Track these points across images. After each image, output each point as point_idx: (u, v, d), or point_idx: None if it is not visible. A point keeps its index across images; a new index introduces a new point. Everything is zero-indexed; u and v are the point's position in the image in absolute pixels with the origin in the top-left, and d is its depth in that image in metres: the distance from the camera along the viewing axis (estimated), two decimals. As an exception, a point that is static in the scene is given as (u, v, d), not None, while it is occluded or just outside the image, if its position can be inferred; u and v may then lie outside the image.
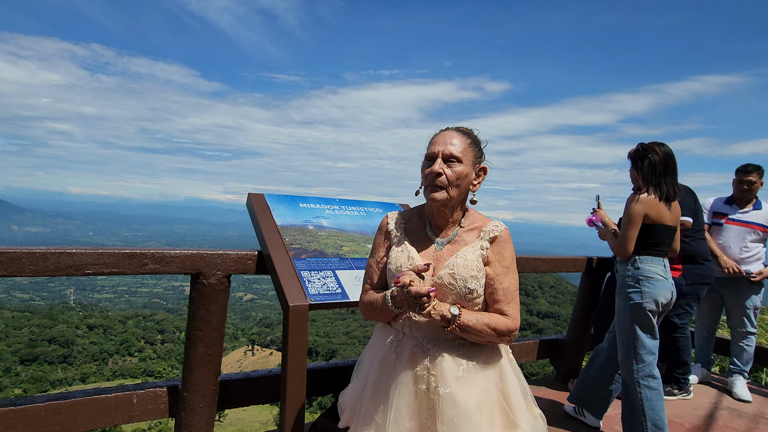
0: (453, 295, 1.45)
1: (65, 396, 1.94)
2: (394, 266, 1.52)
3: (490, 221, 1.56)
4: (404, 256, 1.51)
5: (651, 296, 2.51)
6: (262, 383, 2.33)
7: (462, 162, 1.46)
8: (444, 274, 1.45)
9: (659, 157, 2.58)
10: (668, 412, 3.20)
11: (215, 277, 2.07)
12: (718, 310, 3.93)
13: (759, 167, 3.71)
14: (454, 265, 1.45)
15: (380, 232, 1.65)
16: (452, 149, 1.46)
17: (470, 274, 1.44)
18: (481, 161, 1.54)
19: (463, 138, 1.49)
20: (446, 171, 1.45)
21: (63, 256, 1.75)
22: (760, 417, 3.24)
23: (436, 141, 1.49)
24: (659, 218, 2.55)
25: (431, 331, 1.46)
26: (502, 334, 1.45)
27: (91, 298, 72.91)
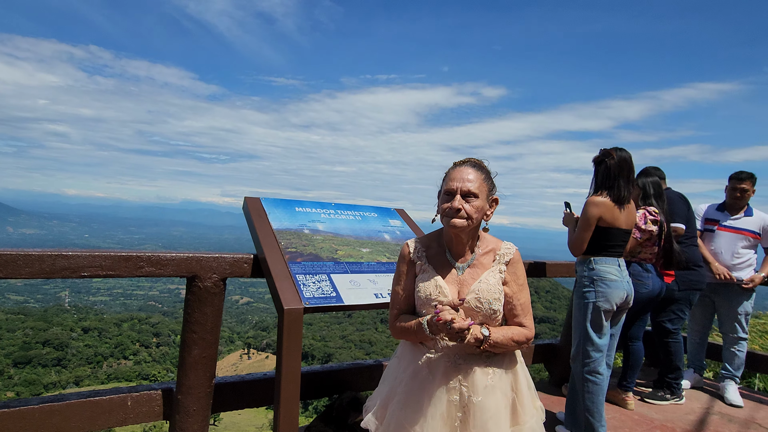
0: (479, 316, 1.60)
1: (59, 398, 1.95)
2: (423, 294, 1.64)
3: (502, 243, 1.73)
4: (432, 285, 1.63)
5: (605, 296, 2.63)
6: (256, 386, 2.34)
7: (478, 197, 1.60)
8: (471, 299, 1.61)
9: (614, 161, 2.67)
10: (660, 417, 3.23)
11: (211, 280, 2.09)
12: (710, 315, 3.96)
13: (752, 175, 3.76)
14: (479, 290, 1.61)
15: (403, 261, 1.76)
16: (470, 186, 1.59)
17: (494, 297, 1.60)
18: (493, 193, 1.69)
19: (478, 174, 1.62)
20: (465, 207, 1.58)
21: (59, 259, 1.76)
22: (751, 422, 3.26)
23: (454, 177, 1.62)
24: (613, 221, 2.66)
25: (462, 348, 1.60)
26: (521, 343, 1.63)
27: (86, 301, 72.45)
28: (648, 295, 3.05)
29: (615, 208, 2.65)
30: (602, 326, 2.66)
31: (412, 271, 1.73)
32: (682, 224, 3.47)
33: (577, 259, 2.86)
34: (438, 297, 1.62)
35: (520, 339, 1.63)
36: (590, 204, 2.67)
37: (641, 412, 3.31)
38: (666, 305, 3.55)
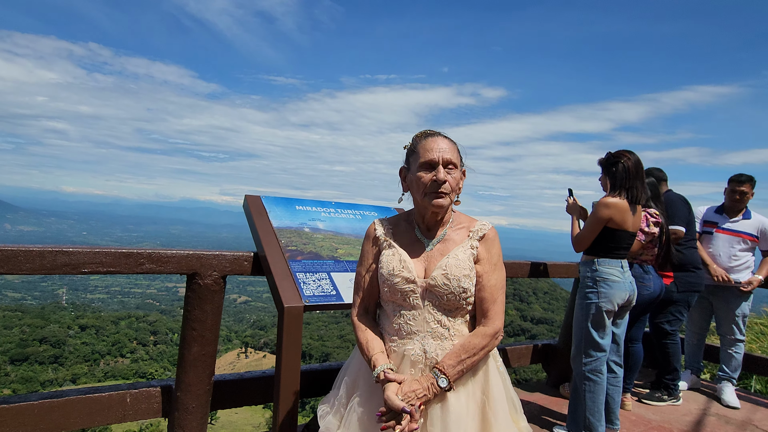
0: (447, 295, 1.48)
1: (59, 395, 1.95)
2: (386, 270, 1.52)
3: (476, 221, 1.61)
4: (396, 260, 1.52)
5: (607, 297, 2.65)
6: (255, 384, 2.34)
7: (457, 167, 1.52)
8: (437, 275, 1.48)
9: (632, 162, 2.70)
10: (657, 418, 3.24)
11: (211, 277, 2.09)
12: (708, 317, 3.97)
13: (751, 178, 3.77)
14: (447, 265, 1.48)
15: (368, 239, 1.65)
16: (450, 156, 1.49)
17: (463, 273, 1.47)
18: (463, 165, 1.59)
19: (451, 143, 1.53)
20: (448, 177, 1.48)
21: (60, 255, 1.76)
22: (748, 424, 3.28)
23: (431, 147, 1.49)
24: (622, 224, 2.66)
25: (425, 338, 1.49)
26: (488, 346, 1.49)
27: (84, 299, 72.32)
28: (649, 296, 3.06)
29: (627, 210, 2.65)
30: (604, 326, 2.68)
31: (376, 250, 1.61)
32: (682, 227, 3.48)
33: (581, 260, 2.87)
34: (401, 272, 1.49)
35: (482, 345, 1.46)
36: (603, 205, 2.66)
37: (639, 412, 3.33)
38: (665, 307, 3.56)
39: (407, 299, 1.51)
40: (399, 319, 1.52)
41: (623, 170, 2.69)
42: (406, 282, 1.49)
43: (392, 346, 1.53)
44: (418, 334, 1.50)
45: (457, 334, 1.51)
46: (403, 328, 1.51)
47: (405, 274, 1.49)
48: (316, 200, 2.70)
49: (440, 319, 1.50)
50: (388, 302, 1.57)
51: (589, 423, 2.65)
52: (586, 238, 2.74)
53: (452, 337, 1.50)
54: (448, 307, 1.51)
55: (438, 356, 1.47)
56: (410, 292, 1.50)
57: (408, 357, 1.49)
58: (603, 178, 2.83)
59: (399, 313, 1.53)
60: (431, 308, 1.50)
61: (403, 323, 1.51)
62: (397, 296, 1.52)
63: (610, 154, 2.77)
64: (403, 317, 1.52)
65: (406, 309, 1.52)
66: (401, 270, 1.50)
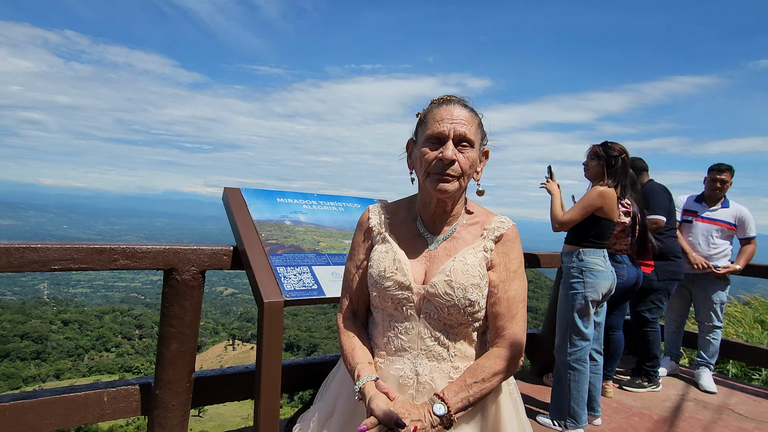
0: (449, 307, 1.20)
1: (32, 395, 1.89)
2: (376, 271, 1.26)
3: (494, 216, 1.32)
4: (389, 258, 1.26)
5: (593, 287, 2.69)
6: (237, 380, 2.31)
7: (473, 146, 1.21)
8: (438, 281, 1.20)
9: (628, 158, 2.79)
10: (637, 404, 3.30)
11: (189, 272, 2.04)
12: (687, 305, 4.05)
13: (730, 167, 3.83)
14: (452, 270, 1.20)
15: (360, 229, 1.39)
16: (465, 130, 1.18)
17: (471, 282, 1.19)
18: (485, 144, 1.29)
19: (472, 116, 1.22)
20: (459, 157, 1.18)
21: (27, 251, 1.69)
22: (724, 408, 3.36)
23: (443, 117, 1.19)
24: (610, 213, 2.72)
25: (418, 357, 1.24)
26: (504, 372, 1.19)
27: (66, 293, 71.05)
28: (624, 285, 3.10)
29: (616, 200, 2.74)
30: (589, 316, 2.72)
31: (369, 243, 1.35)
32: (663, 216, 3.53)
33: (564, 250, 2.89)
34: (394, 275, 1.22)
35: (496, 368, 1.17)
36: (599, 194, 2.70)
37: (620, 399, 3.39)
38: (645, 295, 3.62)
39: (400, 308, 1.24)
40: (389, 332, 1.27)
41: (623, 165, 2.78)
42: (399, 287, 1.23)
43: (378, 362, 1.27)
44: (409, 351, 1.24)
45: (458, 355, 1.24)
46: (393, 343, 1.25)
47: (398, 277, 1.23)
48: (298, 192, 2.65)
49: (438, 335, 1.23)
50: (378, 309, 1.31)
51: (573, 411, 2.69)
52: (573, 221, 2.77)
53: (452, 359, 1.23)
54: (450, 322, 1.23)
55: (434, 380, 1.20)
56: (404, 300, 1.23)
57: (395, 378, 1.23)
58: (595, 165, 2.83)
59: (389, 324, 1.27)
60: (428, 322, 1.23)
61: (393, 336, 1.25)
62: (388, 304, 1.26)
63: (608, 144, 2.81)
64: (393, 329, 1.26)
65: (398, 320, 1.25)
66: (394, 272, 1.23)
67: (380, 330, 1.30)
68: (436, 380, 1.21)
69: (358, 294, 1.37)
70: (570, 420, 2.71)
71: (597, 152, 2.83)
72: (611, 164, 2.76)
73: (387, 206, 1.41)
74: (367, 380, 1.18)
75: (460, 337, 1.25)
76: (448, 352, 1.23)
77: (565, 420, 2.73)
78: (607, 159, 2.78)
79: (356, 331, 1.34)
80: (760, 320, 5.49)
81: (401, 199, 1.44)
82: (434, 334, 1.23)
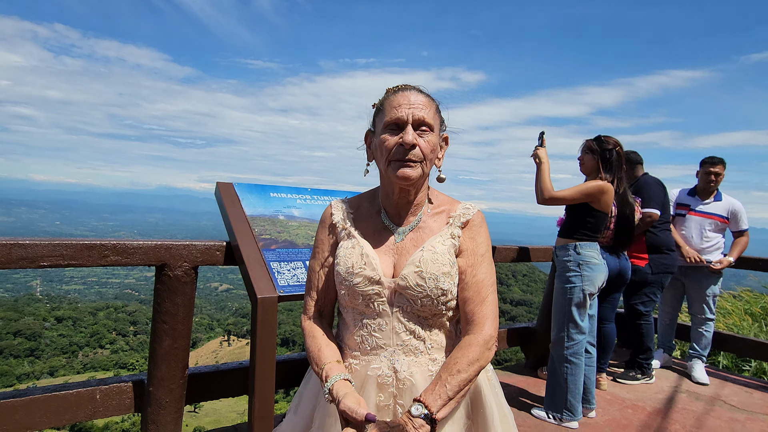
0: (422, 298, 1.18)
1: (22, 393, 1.87)
2: (344, 268, 1.23)
3: (459, 203, 1.32)
4: (356, 254, 1.22)
5: (590, 280, 2.71)
6: (232, 376, 2.30)
7: (433, 130, 1.20)
8: (409, 273, 1.18)
9: (623, 151, 2.80)
10: (631, 396, 3.32)
11: (181, 268, 2.01)
12: (680, 297, 4.08)
13: (722, 160, 3.85)
14: (421, 260, 1.18)
15: (323, 226, 1.34)
16: (424, 114, 1.17)
17: (442, 271, 1.18)
18: (444, 129, 1.28)
19: (429, 101, 1.22)
20: (419, 141, 1.17)
21: (15, 248, 1.66)
22: (716, 399, 3.40)
23: (400, 102, 1.18)
24: (606, 207, 2.74)
25: (394, 353, 1.21)
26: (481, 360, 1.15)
27: (59, 290, 70.57)
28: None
29: (613, 196, 2.76)
30: (586, 309, 2.75)
31: (333, 240, 1.32)
32: (657, 210, 3.54)
33: (558, 243, 2.89)
34: (363, 270, 1.20)
35: (471, 357, 1.13)
36: (600, 187, 2.70)
37: (613, 392, 3.41)
38: (639, 288, 3.64)
39: (371, 305, 1.21)
40: (361, 330, 1.23)
41: (618, 158, 2.77)
42: (368, 282, 1.20)
43: (354, 364, 1.24)
44: (385, 348, 1.21)
45: (435, 346, 1.22)
46: (367, 342, 1.22)
47: (368, 272, 1.20)
48: (291, 187, 2.63)
49: (413, 329, 1.21)
50: (348, 308, 1.27)
51: (569, 404, 2.71)
52: (564, 200, 2.75)
53: (429, 351, 1.21)
54: (423, 313, 1.21)
55: (413, 375, 1.18)
56: (375, 295, 1.20)
57: (373, 378, 1.19)
58: (590, 159, 2.84)
59: (361, 322, 1.24)
60: (401, 316, 1.21)
61: (366, 335, 1.22)
62: (358, 301, 1.22)
63: (602, 138, 2.81)
64: (366, 328, 1.22)
65: (370, 317, 1.22)
66: (363, 267, 1.20)
67: (352, 330, 1.27)
68: (415, 375, 1.19)
69: (323, 293, 1.34)
70: (566, 413, 2.73)
71: (591, 147, 2.83)
72: (606, 158, 2.77)
73: (349, 201, 1.38)
74: (337, 379, 1.14)
75: (435, 328, 1.23)
76: (424, 345, 1.21)
77: (561, 413, 2.75)
78: (601, 153, 2.79)
79: (322, 331, 1.31)
80: (749, 312, 5.55)
81: (363, 192, 1.42)
82: (409, 327, 1.21)
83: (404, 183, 1.19)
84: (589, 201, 2.71)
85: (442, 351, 1.24)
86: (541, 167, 2.83)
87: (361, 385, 1.20)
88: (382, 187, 1.31)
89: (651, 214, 3.51)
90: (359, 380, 1.21)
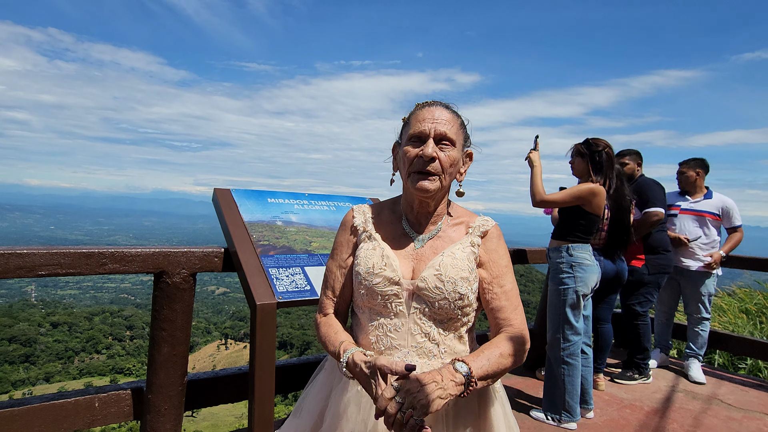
0: (439, 301, 1.21)
1: (19, 403, 1.86)
2: (364, 268, 1.26)
3: (477, 216, 1.36)
4: (377, 255, 1.26)
5: (584, 281, 2.72)
6: (231, 382, 2.29)
7: (455, 145, 1.24)
8: (428, 276, 1.21)
9: (612, 151, 2.81)
10: (629, 396, 3.34)
11: (180, 275, 2.01)
12: (676, 297, 4.11)
13: (699, 160, 3.92)
14: (441, 264, 1.22)
15: (344, 229, 1.38)
16: (446, 129, 1.22)
17: (460, 276, 1.21)
18: (468, 146, 1.33)
19: (454, 117, 1.26)
20: (440, 155, 1.21)
21: (12, 257, 1.66)
22: (713, 398, 3.42)
23: (424, 117, 1.23)
24: (598, 209, 2.75)
25: (408, 354, 1.23)
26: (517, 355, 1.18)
27: (54, 295, 70.05)
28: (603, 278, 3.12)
29: (605, 198, 2.77)
30: (580, 310, 2.76)
31: (354, 242, 1.35)
32: (661, 208, 3.56)
33: (551, 245, 2.91)
34: (383, 271, 1.23)
35: (512, 351, 1.16)
36: (591, 190, 2.72)
37: (611, 392, 3.43)
38: (636, 289, 3.66)
39: (389, 305, 1.24)
40: (377, 330, 1.25)
41: (608, 159, 2.78)
42: (388, 283, 1.23)
43: None
44: (399, 349, 1.22)
45: (448, 351, 1.23)
46: (382, 342, 1.24)
47: (388, 273, 1.23)
48: (288, 192, 2.63)
49: (429, 331, 1.22)
50: (364, 309, 1.29)
51: (568, 405, 2.72)
52: (556, 203, 2.79)
53: (442, 356, 1.22)
54: (440, 317, 1.23)
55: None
56: (393, 296, 1.23)
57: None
58: (579, 162, 2.87)
59: (377, 322, 1.25)
60: (418, 317, 1.23)
61: (382, 335, 1.24)
62: (377, 301, 1.24)
63: (591, 141, 2.83)
64: (382, 328, 1.24)
65: (387, 317, 1.24)
66: (383, 268, 1.23)
67: (367, 330, 1.28)
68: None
69: (340, 293, 1.36)
70: (564, 414, 2.74)
71: (580, 150, 2.86)
72: (596, 160, 2.79)
73: (372, 207, 1.42)
74: (355, 351, 1.16)
75: (450, 332, 1.25)
76: (438, 349, 1.23)
77: (559, 414, 2.76)
78: (591, 155, 2.81)
79: (338, 322, 1.34)
80: (744, 310, 5.59)
81: (384, 200, 1.46)
82: (424, 330, 1.23)
83: (422, 195, 1.24)
84: (581, 204, 2.74)
85: (455, 357, 1.24)
86: (534, 171, 2.89)
87: None
88: (404, 196, 1.36)
89: (657, 213, 3.52)
90: None
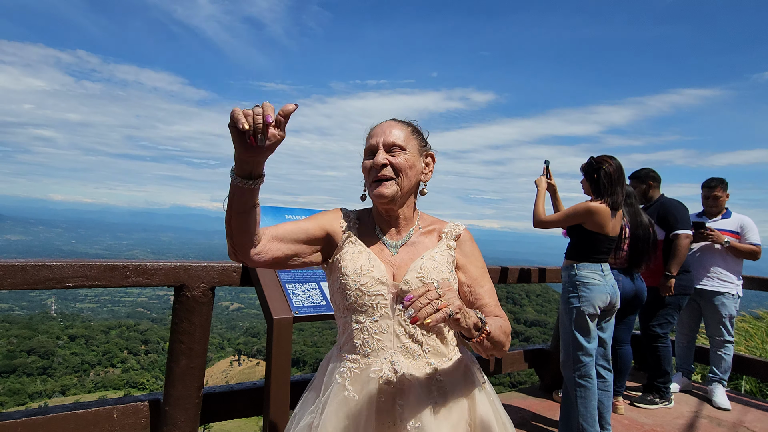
0: None
1: (42, 411, 1.91)
2: (352, 268, 1.27)
3: (447, 222, 1.42)
4: (364, 257, 1.29)
5: (588, 300, 2.67)
6: (246, 396, 2.31)
7: (406, 150, 1.30)
8: (411, 278, 1.25)
9: (613, 168, 2.74)
10: (649, 421, 3.25)
11: (199, 289, 2.06)
12: (697, 319, 4.01)
13: (722, 180, 3.86)
14: (422, 267, 1.26)
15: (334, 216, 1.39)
16: (394, 138, 1.29)
17: (442, 277, 1.25)
18: (427, 149, 1.38)
19: (403, 126, 1.33)
20: (392, 160, 1.28)
21: (43, 269, 1.73)
22: (739, 425, 3.30)
23: (375, 133, 1.32)
24: (603, 228, 2.70)
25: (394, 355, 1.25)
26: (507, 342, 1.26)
27: (73, 308, 71.25)
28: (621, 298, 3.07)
29: (609, 215, 2.71)
30: (589, 330, 2.70)
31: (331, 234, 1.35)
32: (689, 230, 3.53)
33: (563, 265, 2.89)
34: (370, 272, 1.26)
35: (507, 332, 1.25)
36: (586, 209, 2.70)
37: (631, 416, 3.34)
38: (656, 310, 3.59)
39: (375, 305, 1.26)
40: (361, 333, 1.27)
41: (605, 176, 2.74)
42: (376, 282, 1.26)
43: (353, 368, 1.26)
44: (385, 350, 1.25)
45: (432, 351, 1.28)
46: (367, 344, 1.26)
47: (375, 273, 1.26)
48: (305, 209, 2.68)
49: (413, 332, 1.26)
50: (349, 313, 1.30)
51: (582, 428, 2.65)
52: (551, 223, 2.81)
53: (426, 355, 1.27)
54: None
55: (412, 376, 1.23)
56: (380, 296, 1.26)
57: (375, 380, 1.22)
58: (584, 182, 2.88)
59: (362, 325, 1.27)
60: (402, 319, 1.26)
61: (367, 338, 1.26)
62: (364, 301, 1.26)
63: (593, 160, 2.81)
64: (366, 330, 1.26)
65: (373, 319, 1.26)
66: (370, 269, 1.26)
67: (350, 335, 1.29)
68: (414, 376, 1.24)
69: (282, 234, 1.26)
70: None
71: (583, 168, 2.87)
72: (594, 179, 2.78)
73: (356, 212, 1.45)
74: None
75: (433, 333, 1.30)
76: (422, 348, 1.27)
77: None
78: (589, 175, 2.80)
79: None
80: (772, 335, 5.40)
81: (361, 209, 1.49)
82: (408, 330, 1.27)
83: (380, 200, 1.29)
84: (580, 222, 2.71)
85: (439, 356, 1.29)
86: (537, 194, 2.99)
87: (362, 387, 1.23)
88: (373, 206, 1.41)
89: (689, 236, 3.50)
90: (360, 383, 1.24)
